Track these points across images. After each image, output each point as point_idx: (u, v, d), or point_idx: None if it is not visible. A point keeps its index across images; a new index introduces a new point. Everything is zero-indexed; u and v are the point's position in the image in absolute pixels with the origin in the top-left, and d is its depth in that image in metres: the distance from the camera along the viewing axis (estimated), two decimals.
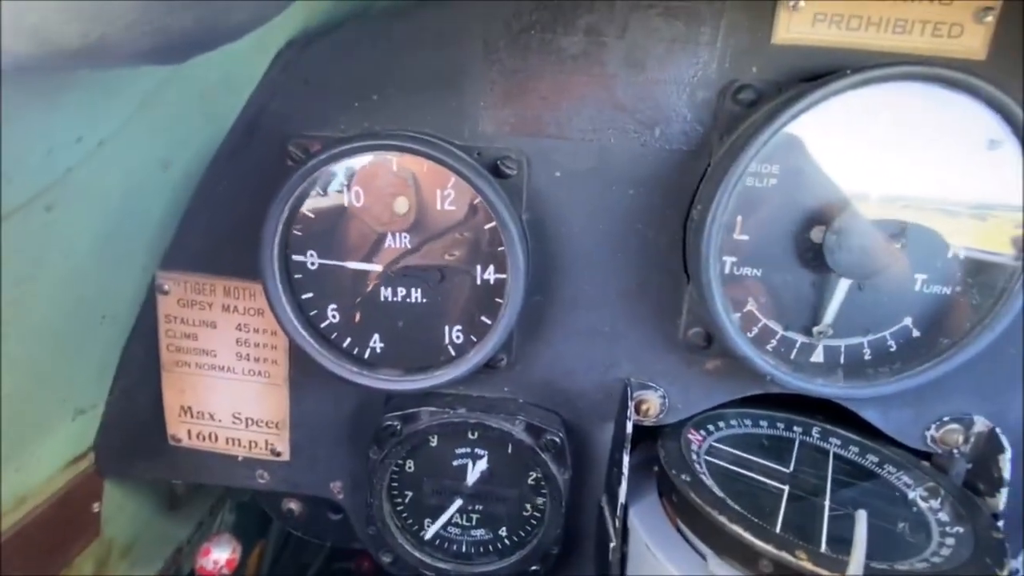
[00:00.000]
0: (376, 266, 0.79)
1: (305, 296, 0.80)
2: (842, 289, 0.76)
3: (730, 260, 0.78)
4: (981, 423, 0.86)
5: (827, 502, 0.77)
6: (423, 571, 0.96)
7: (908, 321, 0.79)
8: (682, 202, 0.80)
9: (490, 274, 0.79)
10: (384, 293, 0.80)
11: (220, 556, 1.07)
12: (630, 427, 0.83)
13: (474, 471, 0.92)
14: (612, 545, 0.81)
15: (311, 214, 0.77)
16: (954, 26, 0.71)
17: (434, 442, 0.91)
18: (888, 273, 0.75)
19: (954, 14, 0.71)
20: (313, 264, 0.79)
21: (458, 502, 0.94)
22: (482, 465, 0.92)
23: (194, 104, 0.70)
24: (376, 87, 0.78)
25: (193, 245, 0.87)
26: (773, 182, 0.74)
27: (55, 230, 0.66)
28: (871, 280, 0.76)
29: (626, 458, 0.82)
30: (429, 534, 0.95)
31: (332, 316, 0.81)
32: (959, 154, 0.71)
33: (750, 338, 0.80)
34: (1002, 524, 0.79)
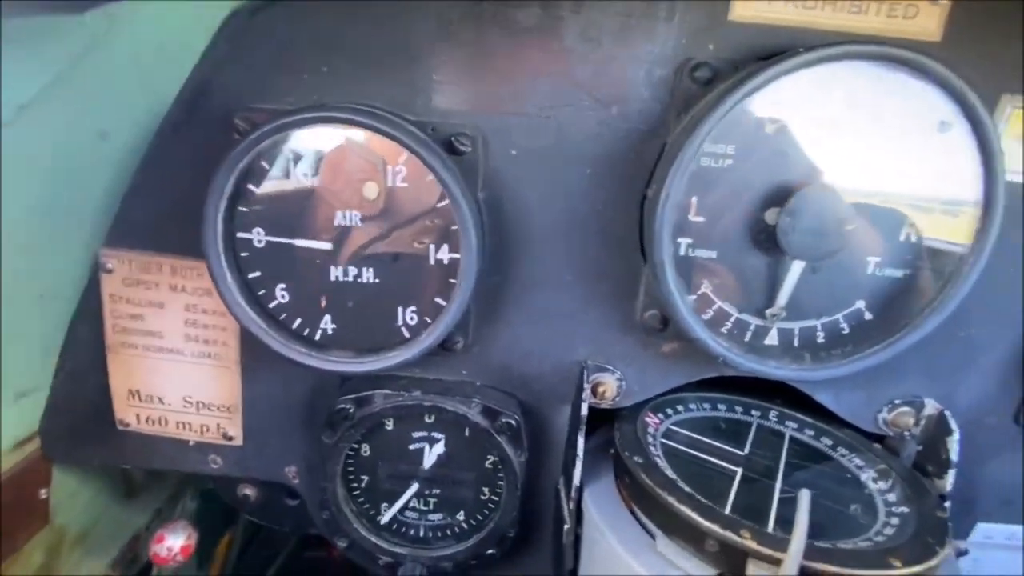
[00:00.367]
0: (326, 244, 0.76)
1: (252, 275, 0.78)
2: (795, 271, 0.76)
3: (685, 241, 0.77)
4: (931, 406, 0.87)
5: (778, 484, 0.78)
6: (379, 556, 0.95)
7: (861, 304, 0.79)
8: (639, 182, 0.78)
9: (444, 254, 0.78)
10: (335, 273, 0.78)
11: (175, 543, 1.04)
12: (585, 410, 0.82)
13: (431, 455, 0.91)
14: (566, 527, 0.81)
15: (260, 190, 0.75)
16: (909, 6, 0.71)
17: (390, 425, 0.90)
18: (841, 256, 0.74)
19: None
20: (260, 242, 0.76)
21: (415, 486, 0.93)
22: (439, 449, 0.91)
23: (129, 73, 0.67)
24: (325, 59, 0.76)
25: (138, 221, 0.84)
26: (728, 163, 0.73)
27: None
28: (824, 263, 0.76)
29: (581, 440, 0.81)
30: (386, 519, 0.94)
31: (281, 296, 0.79)
32: (911, 136, 0.71)
33: (704, 320, 0.79)
34: (949, 504, 0.80)
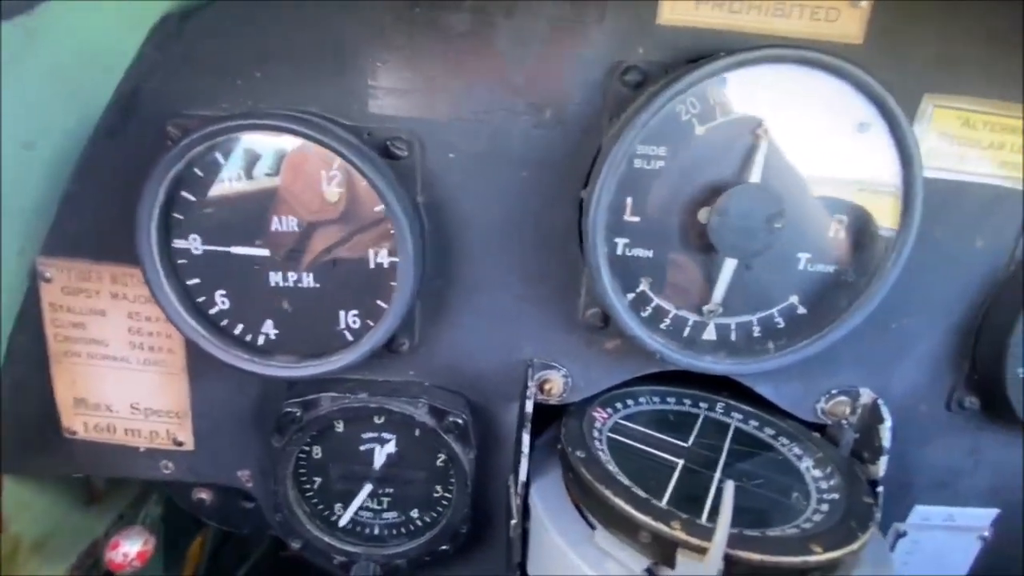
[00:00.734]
0: (263, 251, 0.76)
1: (191, 282, 0.77)
2: (729, 269, 0.77)
3: (622, 242, 0.79)
4: (867, 395, 0.90)
5: (718, 474, 0.80)
6: (333, 555, 0.96)
7: (794, 299, 0.81)
8: (575, 184, 0.79)
9: (384, 258, 0.78)
10: (274, 278, 0.78)
11: (130, 549, 1.05)
12: (530, 407, 0.84)
13: (381, 455, 0.92)
14: (512, 522, 0.82)
15: (196, 197, 0.74)
16: (831, 10, 0.73)
17: (340, 427, 0.90)
18: (772, 253, 0.76)
19: None
20: (197, 250, 0.76)
21: (368, 487, 0.93)
22: (389, 448, 0.92)
23: (53, 82, 0.66)
24: (258, 64, 0.75)
25: (75, 230, 0.83)
26: (660, 164, 0.75)
27: None
28: (756, 260, 0.78)
29: (526, 437, 0.83)
30: (343, 521, 0.95)
31: (221, 302, 0.79)
32: (832, 136, 0.73)
33: (643, 318, 0.81)
34: (881, 490, 0.83)
